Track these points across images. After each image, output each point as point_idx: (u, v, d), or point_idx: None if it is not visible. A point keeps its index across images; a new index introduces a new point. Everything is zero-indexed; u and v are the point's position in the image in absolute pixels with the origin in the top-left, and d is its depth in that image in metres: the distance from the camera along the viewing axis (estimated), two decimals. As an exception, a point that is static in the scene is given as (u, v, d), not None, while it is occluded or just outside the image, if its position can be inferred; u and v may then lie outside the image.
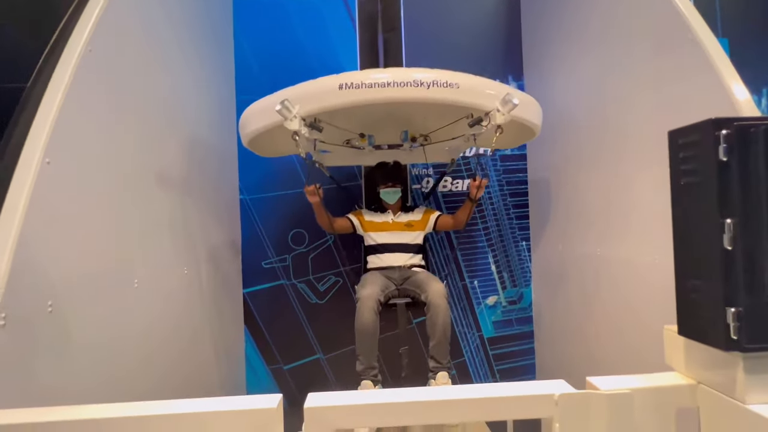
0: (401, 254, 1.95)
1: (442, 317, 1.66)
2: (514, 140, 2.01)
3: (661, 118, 1.42)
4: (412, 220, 2.04)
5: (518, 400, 0.66)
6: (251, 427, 0.63)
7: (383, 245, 1.97)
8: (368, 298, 1.68)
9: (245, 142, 1.61)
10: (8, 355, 0.82)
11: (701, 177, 0.61)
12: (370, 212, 2.08)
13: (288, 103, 1.30)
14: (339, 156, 2.14)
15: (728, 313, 0.58)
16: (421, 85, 1.32)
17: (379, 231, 2.00)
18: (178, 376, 1.59)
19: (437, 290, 1.71)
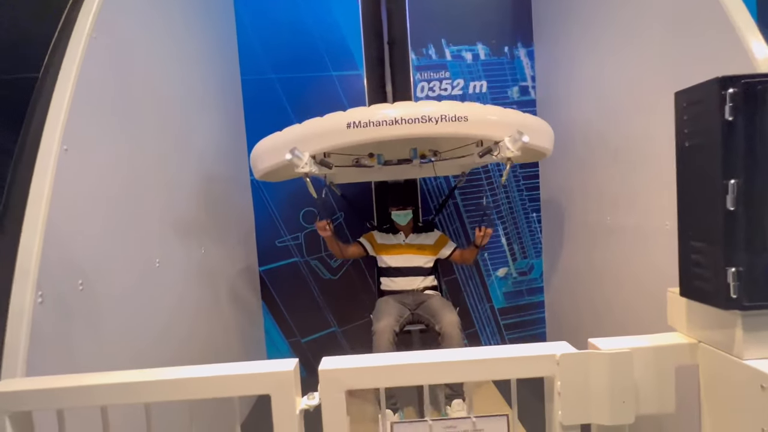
0: (414, 278, 1.98)
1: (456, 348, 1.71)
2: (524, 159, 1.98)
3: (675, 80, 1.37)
4: (424, 243, 2.05)
5: (521, 360, 0.70)
6: (271, 388, 0.68)
7: (396, 269, 2.00)
8: (383, 331, 1.72)
9: (257, 176, 1.65)
10: (47, 329, 0.89)
11: (706, 138, 0.60)
12: (382, 234, 2.10)
13: (298, 152, 1.32)
14: (349, 174, 2.13)
15: (729, 272, 0.59)
16: (429, 121, 1.30)
17: (391, 254, 2.02)
18: (202, 348, 1.69)
19: (450, 321, 1.74)
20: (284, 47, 2.44)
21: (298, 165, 1.32)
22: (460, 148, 1.78)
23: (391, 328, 1.74)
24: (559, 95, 2.25)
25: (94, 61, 1.13)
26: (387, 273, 2.03)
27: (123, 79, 1.30)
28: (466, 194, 2.54)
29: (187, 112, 1.75)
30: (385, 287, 2.02)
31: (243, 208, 2.36)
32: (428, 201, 2.54)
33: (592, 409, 0.68)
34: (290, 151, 1.28)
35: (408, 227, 2.06)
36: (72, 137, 1.03)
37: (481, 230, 1.84)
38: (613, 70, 1.75)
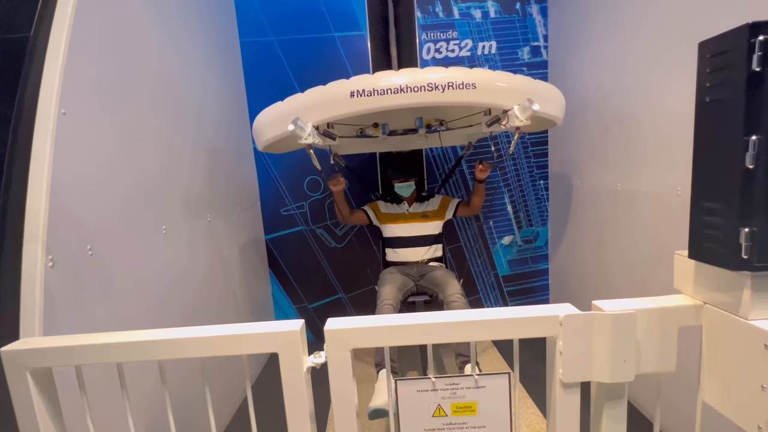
0: (418, 248, 1.98)
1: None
2: (534, 128, 1.90)
3: (694, 36, 1.29)
4: (428, 210, 2.03)
5: (524, 321, 0.70)
6: (279, 347, 0.70)
7: (400, 238, 2.00)
8: (388, 298, 1.74)
9: (260, 148, 1.60)
10: (60, 291, 0.92)
11: (729, 91, 0.57)
12: (386, 203, 2.08)
13: (300, 122, 1.27)
14: (353, 144, 2.09)
15: (741, 233, 0.57)
16: (435, 89, 1.23)
17: (395, 223, 2.01)
18: (210, 312, 1.74)
19: (455, 292, 1.75)
20: (284, 7, 2.33)
21: (301, 136, 1.29)
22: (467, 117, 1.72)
23: (396, 298, 1.77)
24: (572, 56, 2.14)
25: (86, 18, 1.08)
26: (392, 243, 2.04)
27: (118, 40, 1.25)
28: (473, 163, 2.50)
29: (186, 76, 1.70)
30: (390, 258, 2.04)
31: (247, 177, 2.35)
32: (434, 170, 2.50)
33: (593, 367, 0.69)
34: (293, 122, 1.24)
35: (411, 198, 2.06)
36: (70, 101, 1.01)
37: (479, 163, 1.84)
38: (630, 27, 1.65)
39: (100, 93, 1.15)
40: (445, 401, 0.75)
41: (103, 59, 1.17)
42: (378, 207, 2.09)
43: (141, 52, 1.38)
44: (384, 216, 2.06)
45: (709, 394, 0.71)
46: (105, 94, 1.17)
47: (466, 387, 0.74)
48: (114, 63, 1.22)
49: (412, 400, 0.75)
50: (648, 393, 1.62)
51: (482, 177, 1.87)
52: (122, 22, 1.28)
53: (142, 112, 1.35)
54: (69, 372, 0.76)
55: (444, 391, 0.74)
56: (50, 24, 1.02)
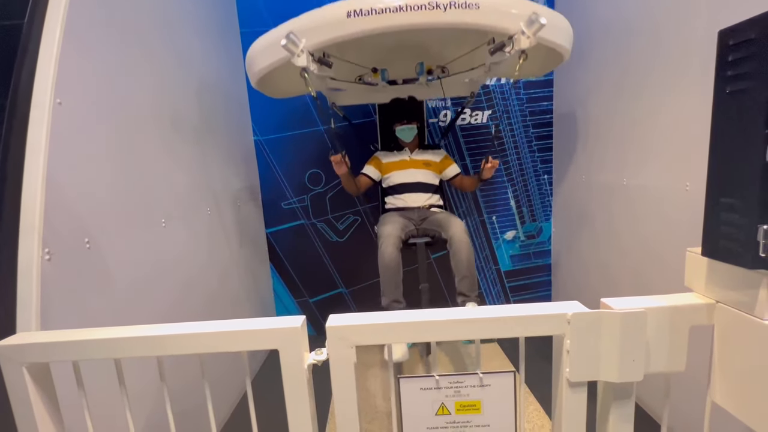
0: (420, 194, 1.92)
1: (466, 253, 1.65)
2: (540, 67, 1.84)
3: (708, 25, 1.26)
4: (430, 159, 1.97)
5: (532, 318, 0.68)
6: (279, 343, 0.69)
7: (401, 185, 1.94)
8: (389, 235, 1.70)
9: (254, 82, 1.54)
10: (57, 285, 0.90)
11: (751, 82, 0.54)
12: (386, 153, 2.03)
13: (293, 36, 1.20)
14: (352, 95, 2.04)
15: (760, 230, 0.55)
16: (437, 8, 1.17)
17: (396, 170, 1.95)
18: (211, 307, 1.73)
19: (459, 226, 1.70)
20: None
21: (294, 52, 1.22)
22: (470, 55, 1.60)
23: (397, 234, 1.72)
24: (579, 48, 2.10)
25: (83, 7, 1.05)
26: (392, 191, 1.96)
27: (116, 28, 1.22)
28: (476, 156, 2.47)
29: (186, 67, 1.67)
30: (390, 205, 1.97)
31: (248, 170, 2.33)
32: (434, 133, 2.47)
33: (601, 366, 0.68)
34: (285, 36, 1.17)
35: (413, 144, 1.98)
36: (65, 91, 0.99)
37: (488, 161, 1.75)
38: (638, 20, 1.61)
39: (97, 82, 1.13)
40: (448, 399, 0.73)
41: (99, 47, 1.14)
42: (378, 159, 2.01)
43: (140, 40, 1.35)
44: (385, 166, 1.97)
45: (719, 395, 0.70)
46: (102, 83, 1.15)
47: (470, 385, 0.73)
48: (111, 52, 1.20)
49: (415, 398, 0.73)
50: (654, 393, 1.61)
51: (488, 177, 1.80)
52: (120, 8, 1.25)
53: (140, 102, 1.33)
54: (66, 367, 0.75)
55: (448, 390, 0.73)
56: (45, 10, 0.99)
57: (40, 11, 0.99)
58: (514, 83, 2.37)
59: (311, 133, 2.43)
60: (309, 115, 2.40)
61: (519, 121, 2.44)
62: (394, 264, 1.66)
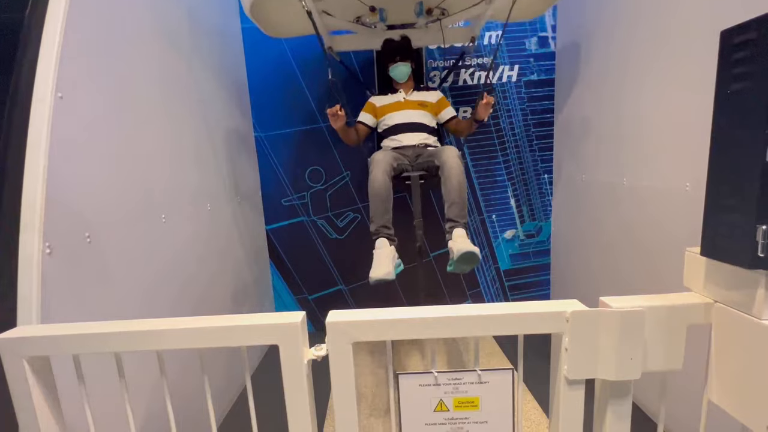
0: (416, 133, 1.86)
1: (457, 177, 1.61)
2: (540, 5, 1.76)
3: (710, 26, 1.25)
4: (426, 100, 1.91)
5: (530, 316, 0.69)
6: (279, 339, 0.69)
7: (397, 125, 1.88)
8: (380, 161, 1.66)
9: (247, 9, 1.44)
10: (57, 279, 0.91)
11: (753, 82, 0.54)
12: (381, 96, 1.97)
13: None
14: (350, 40, 2.00)
15: (759, 230, 0.56)
16: None
17: (392, 112, 1.89)
18: (211, 302, 1.74)
19: (451, 152, 1.66)
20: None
21: None
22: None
23: (389, 161, 1.68)
24: (581, 48, 2.10)
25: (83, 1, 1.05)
26: (388, 133, 1.90)
27: (118, 22, 1.22)
28: (476, 154, 2.47)
29: (187, 62, 1.67)
30: (386, 147, 1.92)
31: (248, 167, 2.33)
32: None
33: (599, 364, 0.68)
34: None
35: (408, 85, 1.94)
36: (67, 84, 0.98)
37: (483, 98, 1.69)
38: (638, 20, 1.60)
39: (99, 76, 1.13)
40: (447, 396, 0.74)
41: (101, 41, 1.14)
42: (372, 104, 1.95)
43: (141, 35, 1.34)
44: (380, 109, 1.92)
45: (716, 394, 0.70)
46: (103, 77, 1.14)
47: (468, 382, 0.73)
48: (114, 46, 1.19)
49: (413, 395, 0.74)
50: (651, 392, 1.61)
51: (484, 117, 1.73)
52: (123, 3, 1.25)
53: (141, 98, 1.32)
54: (67, 360, 0.75)
55: (446, 386, 0.73)
56: (46, 3, 0.99)
57: (41, 4, 0.99)
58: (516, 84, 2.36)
59: (312, 130, 2.43)
60: (310, 111, 2.40)
61: (520, 119, 2.44)
62: (384, 190, 1.62)
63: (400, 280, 2.59)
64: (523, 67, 2.37)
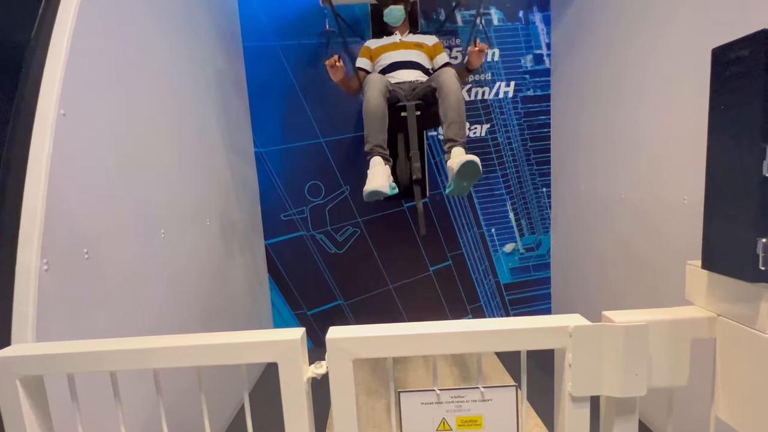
0: (412, 70, 1.84)
1: (455, 95, 1.59)
2: None
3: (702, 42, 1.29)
4: (422, 42, 1.91)
5: (533, 331, 0.68)
6: (278, 356, 0.68)
7: (393, 63, 1.86)
8: (376, 81, 1.63)
9: None
10: (54, 296, 0.90)
11: (745, 98, 0.55)
12: (376, 40, 1.97)
13: None
14: None
15: (759, 243, 0.56)
16: None
17: (388, 52, 1.88)
18: (208, 318, 1.71)
19: (448, 72, 1.63)
20: (287, 12, 2.34)
21: None
22: None
23: (384, 84, 1.64)
24: (574, 64, 2.14)
25: (89, 19, 1.07)
26: (383, 72, 1.87)
27: (120, 39, 1.24)
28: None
29: (189, 80, 1.70)
30: None
31: (248, 182, 2.34)
32: (436, 176, 2.49)
33: (604, 381, 0.67)
34: None
35: (404, 27, 1.93)
36: (70, 102, 1.00)
37: (476, 44, 1.69)
38: (632, 35, 1.64)
39: (101, 94, 1.14)
40: (449, 414, 0.72)
41: (105, 61, 1.16)
42: (367, 48, 1.94)
43: (144, 54, 1.37)
44: (375, 51, 1.90)
45: (723, 409, 0.69)
46: (106, 95, 1.16)
47: (471, 400, 0.72)
48: (116, 65, 1.21)
49: (415, 413, 0.72)
50: (657, 408, 1.58)
51: (477, 64, 1.74)
52: (126, 23, 1.28)
53: (143, 114, 1.34)
54: (61, 378, 0.74)
55: (449, 404, 0.72)
56: (52, 25, 1.01)
57: (47, 25, 1.01)
58: None
59: (311, 146, 2.45)
60: (309, 127, 2.43)
61: (517, 134, 2.47)
62: (380, 110, 1.60)
63: (399, 294, 2.59)
64: (519, 83, 2.41)
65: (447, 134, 1.61)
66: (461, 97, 1.62)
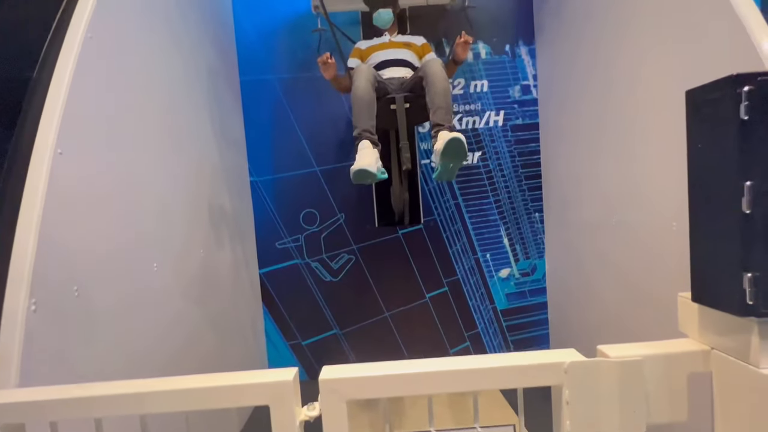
0: (401, 68, 1.88)
1: (441, 83, 1.62)
2: None
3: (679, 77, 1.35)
4: (411, 42, 1.98)
5: (528, 368, 0.67)
6: (270, 399, 0.66)
7: (382, 62, 1.90)
8: (364, 70, 1.66)
9: None
10: (41, 338, 0.87)
11: (720, 138, 0.58)
12: (366, 41, 2.03)
13: None
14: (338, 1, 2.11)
15: (745, 278, 0.57)
16: None
17: (377, 51, 1.93)
18: (200, 354, 1.67)
19: (434, 61, 1.67)
20: (284, 46, 2.43)
21: None
22: None
23: (372, 74, 1.67)
24: (561, 94, 2.22)
25: (89, 62, 1.11)
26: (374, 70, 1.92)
27: (119, 79, 1.28)
28: (467, 195, 2.52)
29: (185, 114, 1.73)
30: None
31: (243, 210, 2.34)
32: (431, 204, 2.52)
33: (602, 418, 0.66)
34: None
35: (393, 29, 1.99)
36: (67, 140, 1.01)
37: (461, 36, 1.74)
38: (616, 69, 1.72)
39: (98, 132, 1.16)
40: (447, 457, 0.70)
41: (102, 99, 1.19)
42: (358, 49, 1.99)
43: (143, 93, 1.40)
44: (366, 51, 1.95)
45: (724, 447, 0.67)
46: (104, 131, 1.18)
47: (469, 441, 0.70)
48: (113, 103, 1.24)
49: (411, 456, 0.70)
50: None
51: (464, 56, 1.79)
52: (127, 66, 1.32)
53: (140, 147, 1.36)
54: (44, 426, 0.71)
55: (446, 446, 0.70)
56: (54, 65, 1.04)
57: (50, 64, 1.04)
58: None
59: (306, 174, 2.48)
60: (304, 155, 2.46)
61: (508, 161, 2.52)
62: (367, 95, 1.62)
63: (396, 322, 2.55)
64: (509, 112, 2.49)
65: (434, 120, 1.64)
66: (448, 86, 1.67)
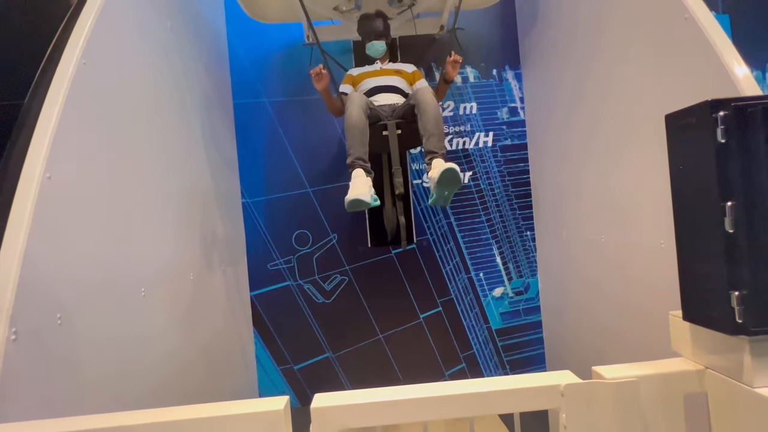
0: (392, 94, 1.93)
1: (432, 110, 1.66)
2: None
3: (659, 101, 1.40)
4: (402, 69, 2.03)
5: (524, 392, 0.66)
6: (260, 429, 0.64)
7: (374, 88, 1.95)
8: (356, 98, 1.70)
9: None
10: (21, 369, 0.84)
11: (700, 160, 0.60)
12: (358, 68, 2.09)
13: None
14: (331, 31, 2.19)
15: (732, 296, 0.57)
16: None
17: (369, 78, 1.98)
18: (189, 381, 1.61)
19: (425, 90, 1.71)
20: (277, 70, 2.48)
21: None
22: None
23: (365, 101, 1.70)
24: (547, 115, 2.29)
25: (82, 88, 1.11)
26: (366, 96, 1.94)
27: (112, 105, 1.28)
28: (460, 214, 2.54)
29: (178, 136, 1.74)
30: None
31: (234, 234, 2.32)
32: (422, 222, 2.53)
33: (601, 443, 0.65)
34: None
35: (385, 57, 2.04)
36: (56, 165, 1.00)
37: (451, 55, 1.79)
38: (600, 91, 1.79)
39: (87, 157, 1.15)
40: (444, 488, 0.67)
41: (92, 125, 1.19)
42: (350, 75, 2.04)
43: (135, 113, 1.41)
44: (358, 77, 2.00)
45: (724, 469, 0.66)
46: (93, 156, 1.17)
47: (466, 470, 0.68)
48: (104, 129, 1.24)
49: (408, 488, 0.67)
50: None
51: (454, 75, 1.85)
52: (118, 87, 1.33)
53: (129, 173, 1.35)
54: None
55: (443, 476, 0.68)
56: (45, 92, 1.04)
57: (41, 91, 1.04)
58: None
59: (299, 195, 2.48)
60: (296, 177, 2.47)
61: (498, 180, 2.56)
62: (361, 123, 1.65)
63: (390, 344, 2.50)
64: (498, 133, 2.55)
65: (427, 147, 1.69)
66: (439, 112, 1.73)
